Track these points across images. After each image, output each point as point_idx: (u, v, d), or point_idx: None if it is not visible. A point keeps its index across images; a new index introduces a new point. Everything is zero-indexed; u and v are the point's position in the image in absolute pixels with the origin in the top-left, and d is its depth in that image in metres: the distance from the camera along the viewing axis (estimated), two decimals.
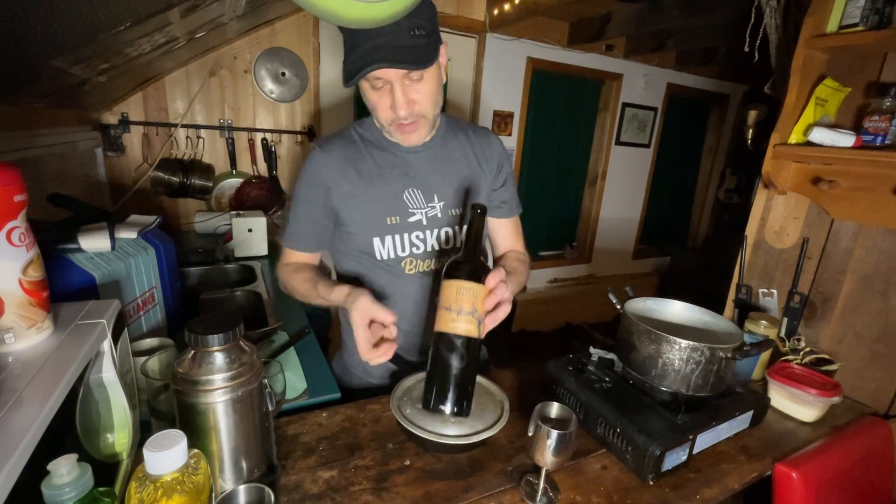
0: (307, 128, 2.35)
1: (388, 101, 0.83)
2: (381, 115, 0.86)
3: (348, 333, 1.08)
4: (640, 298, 0.98)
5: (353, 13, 0.73)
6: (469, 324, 0.69)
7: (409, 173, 0.93)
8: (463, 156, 0.98)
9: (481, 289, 0.70)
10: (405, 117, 0.83)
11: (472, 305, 0.69)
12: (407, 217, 0.92)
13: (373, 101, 0.85)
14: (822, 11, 1.06)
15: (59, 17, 0.83)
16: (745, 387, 0.94)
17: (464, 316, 0.68)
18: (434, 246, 0.95)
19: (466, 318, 0.69)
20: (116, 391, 0.61)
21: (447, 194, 0.95)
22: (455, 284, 0.70)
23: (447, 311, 0.69)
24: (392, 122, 0.85)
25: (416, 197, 0.93)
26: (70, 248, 0.88)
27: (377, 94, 0.83)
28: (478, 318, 0.69)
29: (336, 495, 0.68)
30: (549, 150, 3.56)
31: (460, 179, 0.97)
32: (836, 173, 1.12)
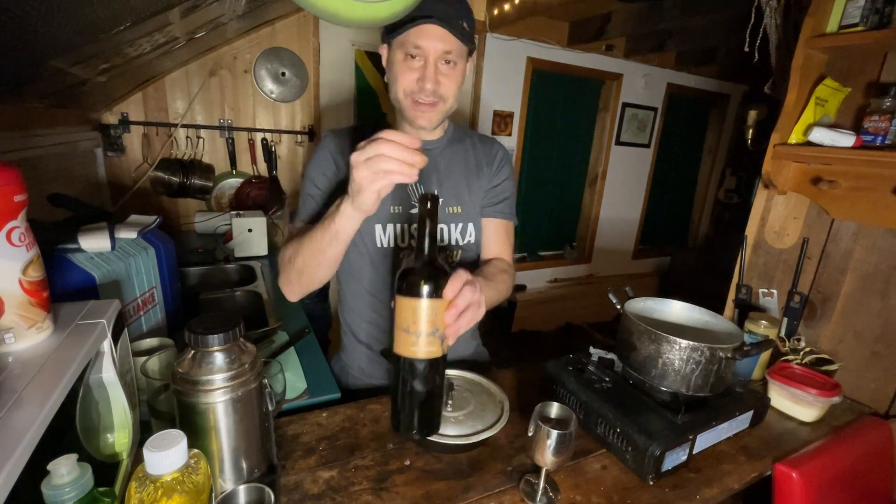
0: (307, 128, 2.35)
1: (416, 74, 0.83)
2: (403, 86, 0.85)
3: (347, 333, 1.08)
4: (640, 298, 0.98)
5: (353, 13, 0.73)
6: (431, 345, 0.62)
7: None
8: (465, 160, 1.01)
9: (442, 304, 0.62)
10: (430, 91, 0.84)
11: (433, 325, 0.61)
12: (409, 208, 0.94)
13: (399, 70, 0.85)
14: (822, 11, 1.06)
15: (59, 17, 0.83)
16: (745, 387, 0.94)
17: (424, 338, 0.61)
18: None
19: (428, 341, 0.61)
20: (116, 391, 0.61)
21: (446, 193, 0.97)
22: (411, 304, 0.61)
23: (405, 334, 0.62)
24: (412, 94, 0.85)
25: (419, 191, 0.94)
26: (70, 248, 0.88)
27: (406, 65, 0.84)
28: (440, 336, 0.63)
29: (336, 495, 0.68)
30: (549, 150, 3.56)
31: (459, 181, 0.99)
32: (836, 173, 1.12)
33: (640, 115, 3.76)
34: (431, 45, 0.81)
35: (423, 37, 0.81)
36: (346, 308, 1.06)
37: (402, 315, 0.62)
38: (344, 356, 1.09)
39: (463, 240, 1.00)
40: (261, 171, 2.29)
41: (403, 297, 0.62)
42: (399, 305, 0.62)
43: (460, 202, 0.99)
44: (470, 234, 1.00)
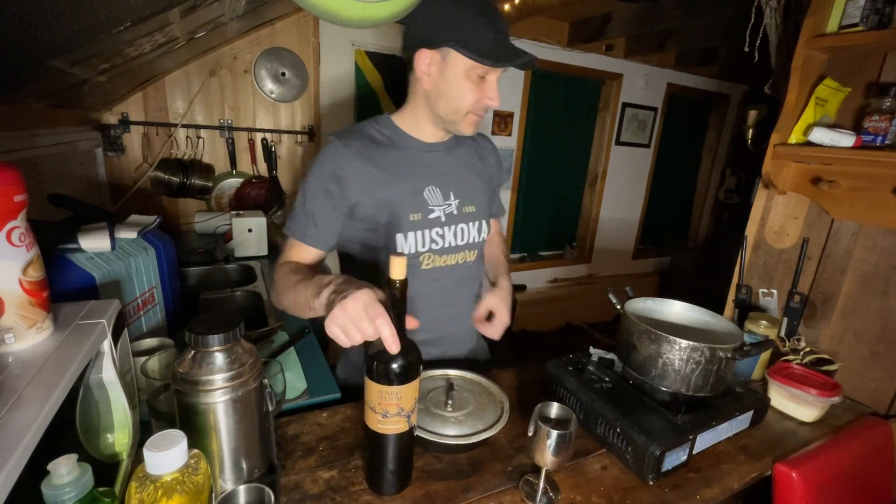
0: (307, 128, 2.35)
1: (478, 93, 0.86)
2: (466, 102, 0.87)
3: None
4: (640, 298, 0.98)
5: (353, 13, 0.73)
6: (397, 423, 0.65)
7: (427, 172, 0.96)
8: (471, 157, 1.05)
9: (406, 388, 0.63)
10: (487, 107, 0.89)
11: (399, 407, 0.63)
12: (427, 213, 0.94)
13: (465, 87, 0.86)
14: (822, 11, 1.06)
15: (58, 17, 0.83)
16: (745, 387, 0.94)
17: (390, 418, 0.64)
18: (451, 242, 0.97)
19: (394, 420, 0.64)
20: (116, 391, 0.61)
21: (461, 192, 0.99)
22: (377, 388, 0.63)
23: (372, 412, 0.65)
24: (473, 111, 0.89)
25: (435, 194, 0.96)
26: (70, 248, 0.88)
27: (470, 83, 0.85)
28: (405, 415, 0.65)
29: (336, 495, 0.68)
30: (549, 150, 3.56)
31: (471, 178, 1.02)
32: (836, 173, 1.12)
33: (640, 115, 3.76)
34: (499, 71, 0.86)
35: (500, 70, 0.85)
36: None
37: (369, 394, 0.65)
38: (353, 355, 1.08)
39: (479, 237, 1.02)
40: (261, 171, 2.29)
41: (371, 381, 0.64)
42: (367, 385, 0.64)
43: (473, 201, 1.01)
44: (484, 232, 1.03)
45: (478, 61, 0.82)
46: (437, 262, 0.97)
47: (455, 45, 0.81)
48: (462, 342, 1.08)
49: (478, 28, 0.81)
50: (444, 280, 0.98)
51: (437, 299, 0.99)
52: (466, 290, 1.05)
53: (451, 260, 0.98)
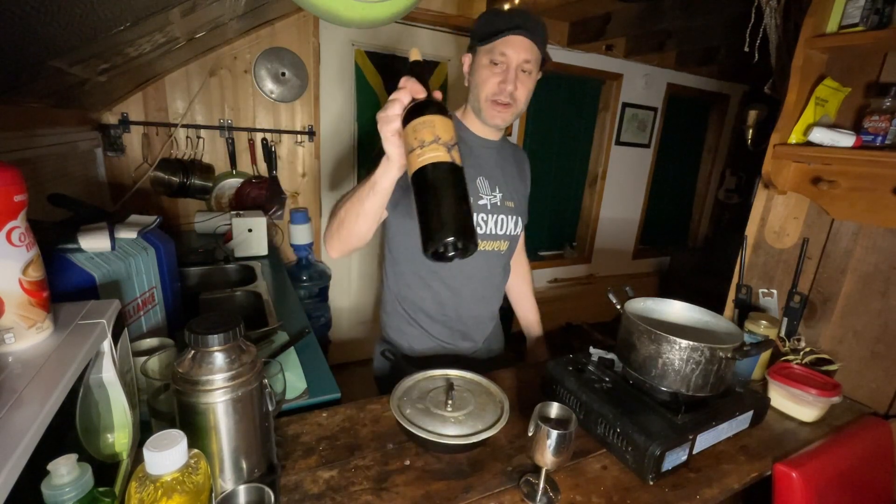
0: (307, 128, 2.35)
1: (499, 78, 0.95)
2: (487, 89, 0.96)
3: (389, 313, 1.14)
4: (640, 298, 0.98)
5: (353, 13, 0.73)
6: (436, 151, 0.63)
7: (479, 164, 1.05)
8: (514, 162, 1.16)
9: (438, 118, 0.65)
10: (510, 93, 0.95)
11: (433, 135, 0.64)
12: (478, 200, 1.03)
13: (484, 76, 0.96)
14: (822, 11, 1.06)
15: (59, 17, 0.83)
16: (745, 387, 0.94)
17: (427, 147, 0.63)
18: (492, 229, 1.07)
19: (431, 148, 0.63)
20: (116, 391, 0.61)
21: (504, 188, 1.09)
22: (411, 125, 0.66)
23: (411, 154, 0.64)
24: (494, 96, 0.96)
25: (484, 184, 1.05)
26: (70, 248, 0.88)
27: (490, 70, 0.95)
28: (444, 144, 0.64)
29: (336, 495, 0.68)
30: (549, 150, 3.56)
31: (513, 178, 1.14)
32: (836, 173, 1.12)
33: (640, 115, 3.76)
34: (514, 53, 0.93)
35: (508, 46, 0.93)
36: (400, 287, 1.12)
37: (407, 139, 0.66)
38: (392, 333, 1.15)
39: (515, 230, 1.12)
40: (261, 171, 2.29)
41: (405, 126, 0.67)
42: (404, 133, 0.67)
43: (513, 198, 1.11)
44: (519, 227, 1.14)
45: (480, 45, 0.94)
46: (481, 247, 1.04)
47: (475, 42, 0.96)
48: (483, 325, 1.18)
49: (490, 23, 0.94)
50: (479, 264, 1.08)
51: (471, 281, 1.09)
52: (496, 277, 1.15)
53: (488, 246, 1.07)
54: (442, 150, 0.63)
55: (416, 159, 0.63)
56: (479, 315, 1.15)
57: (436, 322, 1.11)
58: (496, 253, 1.10)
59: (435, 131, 0.64)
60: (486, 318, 1.18)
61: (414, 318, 1.11)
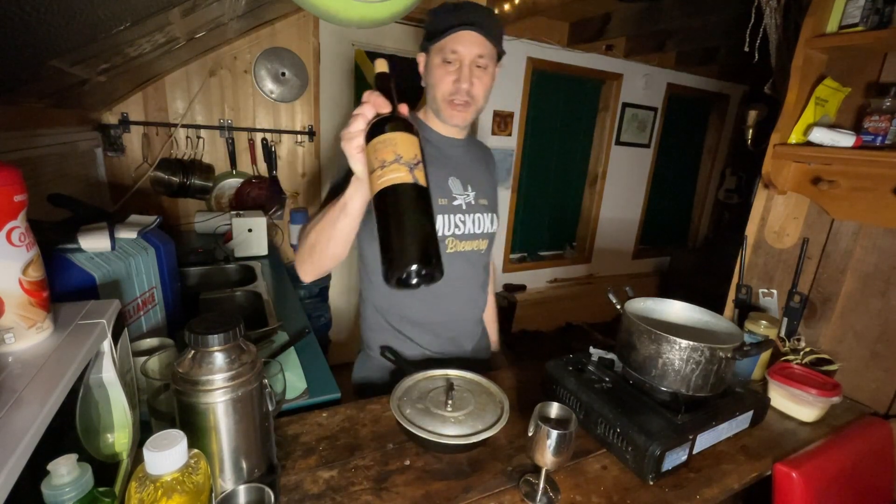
0: (307, 128, 2.35)
1: (453, 77, 0.92)
2: (442, 89, 0.94)
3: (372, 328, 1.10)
4: (640, 298, 0.98)
5: (353, 13, 0.74)
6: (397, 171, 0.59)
7: (449, 163, 1.03)
8: (481, 160, 1.13)
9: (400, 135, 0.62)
10: (466, 91, 0.93)
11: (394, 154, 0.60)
12: (452, 200, 1.02)
13: (438, 75, 0.93)
14: (822, 11, 1.06)
15: (58, 17, 0.83)
16: (745, 387, 0.94)
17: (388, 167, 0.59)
18: (470, 229, 1.05)
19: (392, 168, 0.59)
20: (116, 391, 0.61)
21: (476, 186, 1.07)
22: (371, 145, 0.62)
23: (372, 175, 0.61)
24: (450, 96, 0.94)
25: (456, 184, 1.03)
26: (70, 248, 0.88)
27: (444, 69, 0.92)
28: (406, 163, 0.60)
29: (336, 495, 0.68)
30: (549, 150, 3.56)
31: (483, 174, 1.11)
32: (836, 173, 1.12)
33: (640, 115, 3.76)
34: (466, 50, 0.90)
35: (459, 42, 0.90)
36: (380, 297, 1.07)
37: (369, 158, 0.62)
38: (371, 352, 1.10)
39: (491, 227, 1.09)
40: (261, 171, 2.29)
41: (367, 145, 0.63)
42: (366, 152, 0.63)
43: (486, 195, 1.09)
44: (495, 224, 1.11)
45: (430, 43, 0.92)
46: (458, 247, 1.04)
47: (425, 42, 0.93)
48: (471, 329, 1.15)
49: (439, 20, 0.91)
50: (463, 265, 1.06)
51: (456, 283, 1.07)
52: (480, 277, 1.13)
53: (468, 246, 1.06)
54: (404, 171, 0.59)
55: (377, 181, 0.60)
56: (466, 317, 1.12)
57: (424, 330, 1.07)
58: (477, 252, 1.08)
59: (396, 150, 0.60)
60: (473, 322, 1.15)
61: (399, 329, 1.07)
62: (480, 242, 1.08)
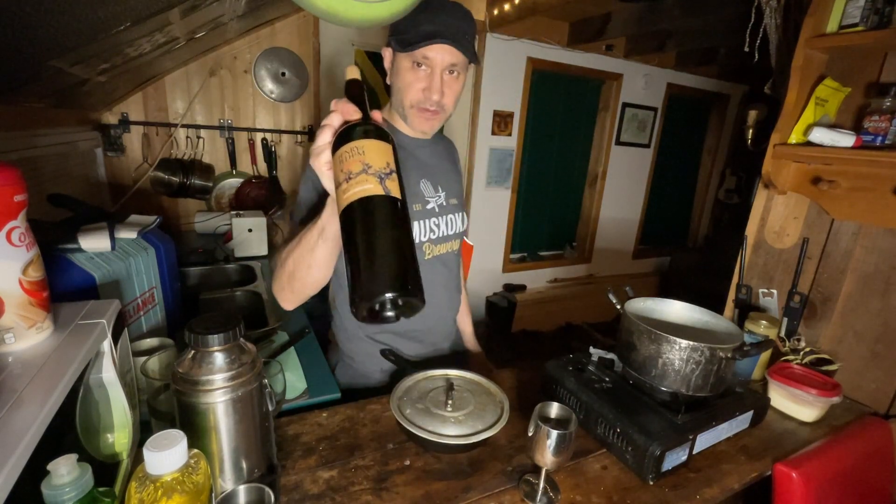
0: (307, 128, 2.35)
1: (422, 84, 0.88)
2: (410, 96, 0.89)
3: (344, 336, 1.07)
4: (640, 298, 0.98)
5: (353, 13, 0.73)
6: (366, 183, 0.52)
7: (419, 166, 1.00)
8: (447, 158, 1.10)
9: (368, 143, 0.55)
10: (436, 101, 0.89)
11: (361, 163, 0.53)
12: (425, 205, 0.99)
13: (407, 80, 0.88)
14: (822, 11, 1.06)
15: (59, 17, 0.83)
16: (745, 387, 0.94)
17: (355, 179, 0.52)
18: (444, 231, 1.03)
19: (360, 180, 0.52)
20: (116, 391, 0.61)
21: (446, 185, 1.05)
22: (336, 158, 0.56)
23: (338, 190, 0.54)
24: (418, 104, 0.90)
25: (428, 187, 1.01)
26: (70, 248, 0.88)
27: (414, 75, 0.87)
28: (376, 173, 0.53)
29: (336, 495, 0.68)
30: (549, 150, 3.56)
31: (451, 173, 1.09)
32: (836, 173, 1.12)
33: (640, 115, 3.76)
34: (439, 58, 0.86)
35: (432, 50, 0.85)
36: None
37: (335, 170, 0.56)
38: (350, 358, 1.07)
39: (462, 226, 1.08)
40: (261, 171, 2.29)
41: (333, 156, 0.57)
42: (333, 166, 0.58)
43: (455, 194, 1.07)
44: (465, 221, 1.10)
45: (400, 49, 0.85)
46: (434, 252, 1.02)
47: (393, 38, 0.86)
48: (447, 329, 1.15)
49: (414, 21, 0.83)
50: (440, 270, 1.05)
51: (436, 289, 1.05)
52: (456, 277, 1.12)
53: (443, 249, 1.04)
54: (373, 182, 0.52)
55: (342, 195, 0.53)
56: (446, 320, 1.12)
57: (407, 339, 1.05)
58: (451, 253, 1.07)
59: (364, 158, 0.53)
60: (452, 322, 1.15)
61: (381, 341, 1.04)
62: (454, 243, 1.07)
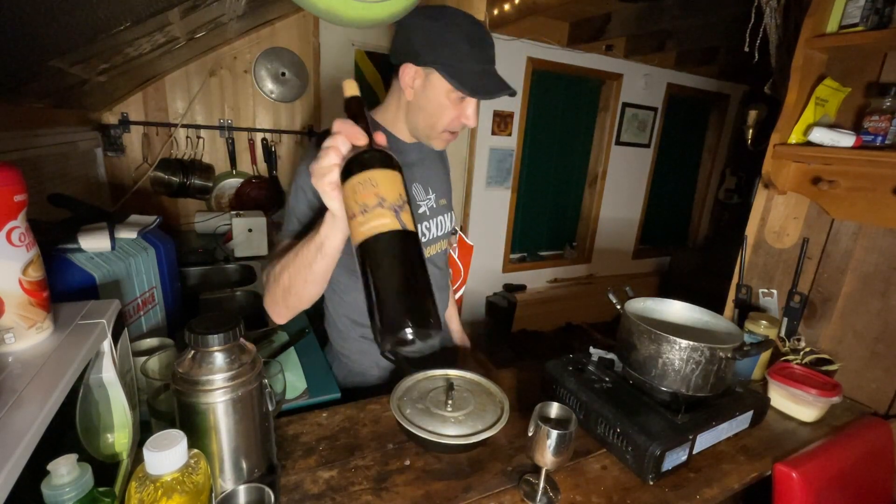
0: (307, 128, 2.35)
1: (455, 112, 0.87)
2: (444, 122, 0.88)
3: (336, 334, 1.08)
4: (640, 298, 0.98)
5: (353, 13, 0.73)
6: (382, 217, 0.53)
7: (412, 169, 0.98)
8: (437, 157, 1.09)
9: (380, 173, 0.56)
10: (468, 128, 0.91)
11: (377, 196, 0.54)
12: (417, 209, 0.98)
13: (444, 106, 0.86)
14: (822, 11, 1.06)
15: (59, 17, 0.83)
16: (745, 387, 0.94)
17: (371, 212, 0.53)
18: (435, 233, 1.04)
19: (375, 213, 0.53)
20: (116, 391, 0.61)
21: (436, 187, 1.04)
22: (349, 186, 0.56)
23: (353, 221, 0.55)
24: (450, 128, 0.90)
25: (419, 190, 1.00)
26: (70, 248, 0.88)
27: (449, 104, 0.86)
28: (391, 206, 0.54)
29: (336, 495, 0.68)
30: (549, 150, 3.56)
31: (440, 173, 1.09)
32: (836, 173, 1.12)
33: (640, 115, 3.76)
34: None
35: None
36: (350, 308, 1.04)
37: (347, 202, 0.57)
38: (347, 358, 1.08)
39: (450, 226, 1.09)
40: (261, 171, 2.29)
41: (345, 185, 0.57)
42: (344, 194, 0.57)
43: (444, 195, 1.07)
44: (454, 221, 1.11)
45: (458, 89, 0.83)
46: (427, 253, 1.02)
47: (440, 68, 0.82)
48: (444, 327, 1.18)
49: (464, 56, 0.82)
50: (431, 269, 1.04)
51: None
52: (444, 277, 1.14)
53: (434, 249, 1.05)
54: (389, 216, 0.53)
55: (359, 228, 0.54)
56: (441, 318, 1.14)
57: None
58: (441, 253, 1.09)
59: (378, 191, 0.54)
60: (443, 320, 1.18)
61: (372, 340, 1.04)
62: (443, 243, 1.08)
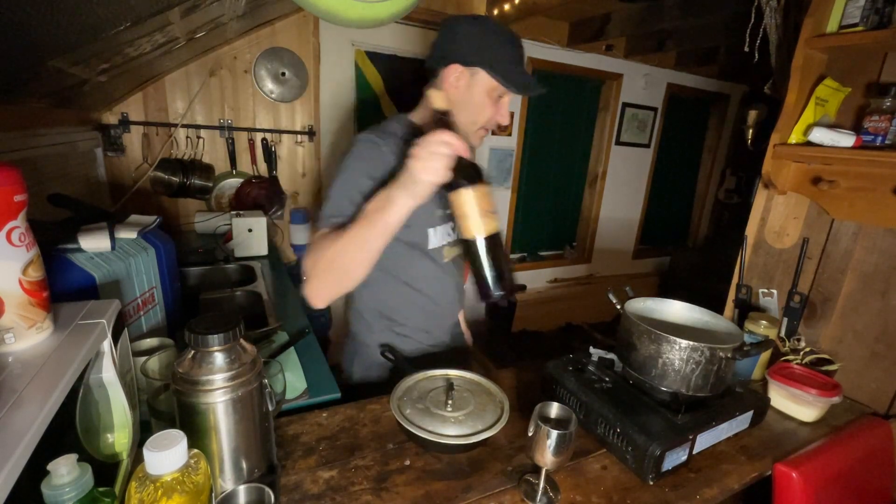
0: (307, 128, 2.35)
1: (493, 111, 0.96)
2: (483, 117, 0.96)
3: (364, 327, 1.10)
4: (640, 298, 0.98)
5: (353, 13, 0.74)
6: (495, 220, 0.77)
7: None
8: None
9: (487, 188, 0.77)
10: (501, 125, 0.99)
11: (492, 205, 0.76)
12: (446, 209, 1.02)
13: (485, 103, 0.94)
14: (822, 11, 1.06)
15: (59, 17, 0.83)
16: (745, 387, 0.94)
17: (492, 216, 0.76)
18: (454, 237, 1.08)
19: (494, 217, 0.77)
20: (116, 391, 0.61)
21: None
22: (480, 191, 0.75)
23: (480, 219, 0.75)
24: (487, 125, 0.98)
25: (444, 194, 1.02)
26: (70, 248, 0.88)
27: (490, 101, 0.95)
28: (495, 212, 0.77)
29: (336, 495, 0.68)
30: (549, 150, 3.56)
31: None
32: (836, 173, 1.12)
33: (640, 115, 3.76)
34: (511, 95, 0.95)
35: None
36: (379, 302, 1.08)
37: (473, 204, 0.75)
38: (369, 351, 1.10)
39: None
40: (261, 171, 2.29)
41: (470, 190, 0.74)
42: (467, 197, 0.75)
43: None
44: None
45: (504, 86, 0.92)
46: (451, 254, 1.07)
47: (487, 67, 0.91)
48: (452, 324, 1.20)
49: (506, 58, 0.92)
50: (454, 269, 1.10)
51: (451, 287, 1.11)
52: (462, 275, 1.16)
53: (457, 250, 1.09)
54: (496, 220, 0.76)
55: (484, 225, 0.75)
56: (454, 315, 1.18)
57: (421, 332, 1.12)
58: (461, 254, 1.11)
59: (490, 200, 0.75)
60: (457, 318, 1.21)
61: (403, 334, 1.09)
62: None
